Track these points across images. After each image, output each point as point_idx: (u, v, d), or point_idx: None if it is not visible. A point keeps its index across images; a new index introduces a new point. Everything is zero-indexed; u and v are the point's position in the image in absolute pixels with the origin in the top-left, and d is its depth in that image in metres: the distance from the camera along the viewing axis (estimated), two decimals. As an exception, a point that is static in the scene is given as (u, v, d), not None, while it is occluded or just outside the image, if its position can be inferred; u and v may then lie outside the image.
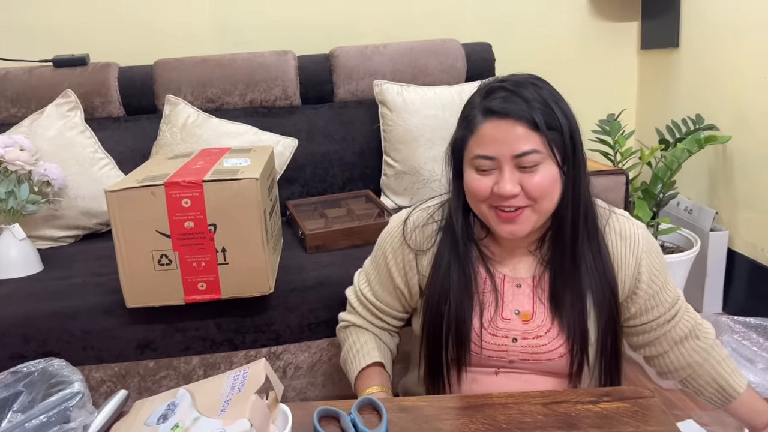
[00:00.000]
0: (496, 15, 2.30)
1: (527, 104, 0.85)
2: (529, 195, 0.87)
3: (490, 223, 0.92)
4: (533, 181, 0.86)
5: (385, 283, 1.07)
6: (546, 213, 0.90)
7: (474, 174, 0.89)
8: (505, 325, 0.96)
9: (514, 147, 0.85)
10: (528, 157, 0.85)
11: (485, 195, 0.88)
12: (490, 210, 0.90)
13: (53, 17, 2.06)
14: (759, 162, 1.82)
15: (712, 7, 1.98)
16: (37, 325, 1.38)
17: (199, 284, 1.32)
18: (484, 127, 0.87)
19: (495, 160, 0.86)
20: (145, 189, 1.25)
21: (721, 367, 1.00)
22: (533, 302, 0.96)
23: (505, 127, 0.85)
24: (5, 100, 1.87)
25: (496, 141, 0.86)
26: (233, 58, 1.98)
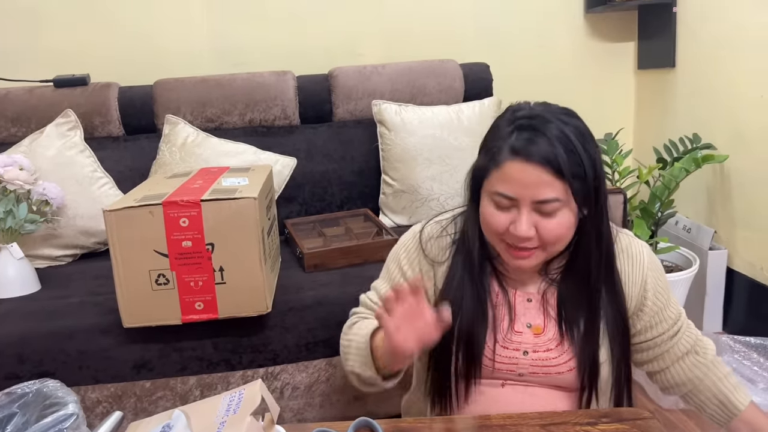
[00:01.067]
0: (494, 35, 2.32)
1: (554, 149, 0.83)
2: (542, 239, 0.87)
3: (499, 252, 0.94)
4: (549, 226, 0.86)
5: None
6: (555, 253, 0.92)
7: (491, 207, 0.89)
8: (517, 338, 0.96)
9: (535, 192, 0.84)
10: (548, 205, 0.85)
11: (500, 231, 0.89)
12: (501, 242, 0.91)
13: (54, 38, 2.08)
14: (756, 181, 1.83)
15: (706, 28, 2.00)
16: (33, 345, 1.37)
17: (196, 304, 1.32)
18: (509, 165, 0.85)
19: (515, 200, 0.86)
20: (143, 208, 1.25)
21: (722, 383, 1.00)
22: (543, 316, 0.97)
23: (529, 170, 0.84)
24: (5, 119, 1.88)
25: (519, 183, 0.85)
26: (233, 78, 1.99)
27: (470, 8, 2.29)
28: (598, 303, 0.95)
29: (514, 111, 0.91)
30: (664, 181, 1.84)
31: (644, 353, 1.03)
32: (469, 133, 1.89)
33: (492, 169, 0.88)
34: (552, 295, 0.98)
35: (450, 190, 1.86)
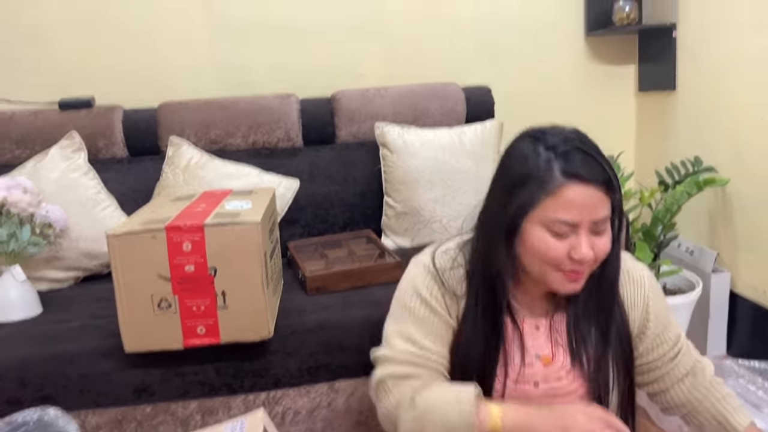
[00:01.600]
0: (496, 57, 2.34)
1: (602, 168, 0.85)
2: (597, 257, 0.88)
3: (549, 284, 0.91)
4: (601, 244, 0.87)
5: (432, 328, 0.97)
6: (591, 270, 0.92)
7: (548, 237, 0.86)
8: (528, 371, 0.96)
9: (594, 213, 0.85)
10: (602, 224, 0.86)
11: (560, 260, 0.87)
12: (556, 271, 0.89)
13: (59, 61, 2.10)
14: (758, 203, 1.83)
15: (706, 51, 2.01)
16: (35, 369, 1.37)
17: (198, 328, 1.32)
18: (568, 190, 0.84)
19: (576, 226, 0.85)
20: (146, 233, 1.26)
21: (720, 404, 1.00)
22: (551, 344, 0.97)
23: (588, 192, 0.84)
24: (10, 141, 1.89)
25: (580, 206, 0.84)
26: (236, 101, 2.01)
27: (472, 31, 2.31)
28: (609, 323, 0.95)
29: (539, 138, 0.89)
30: (666, 204, 1.84)
31: (645, 375, 1.03)
32: (471, 155, 1.90)
33: (543, 198, 0.85)
34: (560, 321, 0.98)
35: (452, 212, 1.87)
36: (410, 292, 0.99)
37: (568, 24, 2.35)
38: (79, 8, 2.08)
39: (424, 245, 1.88)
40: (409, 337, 0.97)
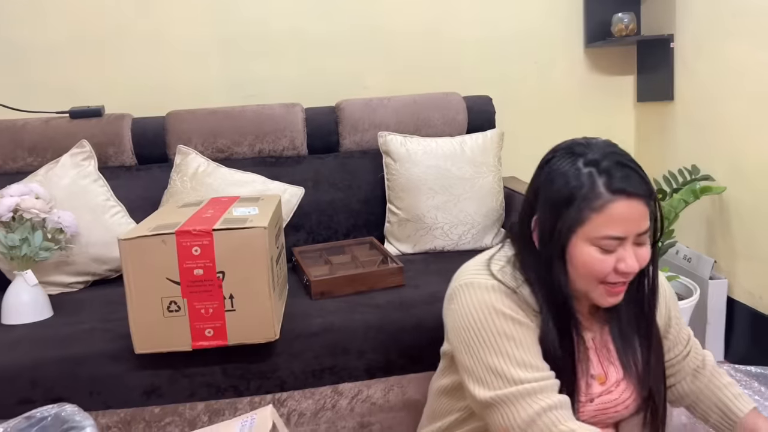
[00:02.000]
0: (497, 68, 2.39)
1: (643, 180, 0.88)
2: (640, 267, 0.90)
3: (593, 297, 0.93)
4: (643, 255, 0.90)
5: (533, 345, 0.94)
6: None
7: (596, 253, 0.88)
8: (586, 390, 0.97)
9: (639, 226, 0.88)
10: (644, 235, 0.89)
11: (607, 273, 0.89)
12: (600, 285, 0.91)
13: (70, 71, 2.15)
14: (754, 211, 1.86)
15: (703, 62, 2.06)
16: (46, 370, 1.40)
17: (206, 330, 1.35)
18: (615, 206, 0.86)
19: (622, 240, 0.88)
20: (156, 237, 1.29)
21: (722, 392, 1.05)
22: (601, 363, 1.00)
23: (634, 206, 0.87)
24: (22, 149, 1.94)
25: (627, 221, 0.86)
26: (243, 110, 2.05)
27: (474, 43, 2.36)
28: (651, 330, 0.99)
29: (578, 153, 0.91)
30: (663, 211, 1.87)
31: None
32: (472, 163, 1.94)
33: (591, 215, 0.87)
34: (605, 337, 1.01)
35: (453, 219, 1.90)
36: (495, 317, 0.94)
37: (568, 35, 2.40)
38: (90, 22, 2.14)
39: (426, 251, 1.93)
40: (522, 362, 0.92)
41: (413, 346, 1.51)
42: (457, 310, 0.97)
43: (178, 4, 2.18)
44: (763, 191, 1.82)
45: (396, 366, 1.52)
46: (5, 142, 1.93)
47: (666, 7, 2.23)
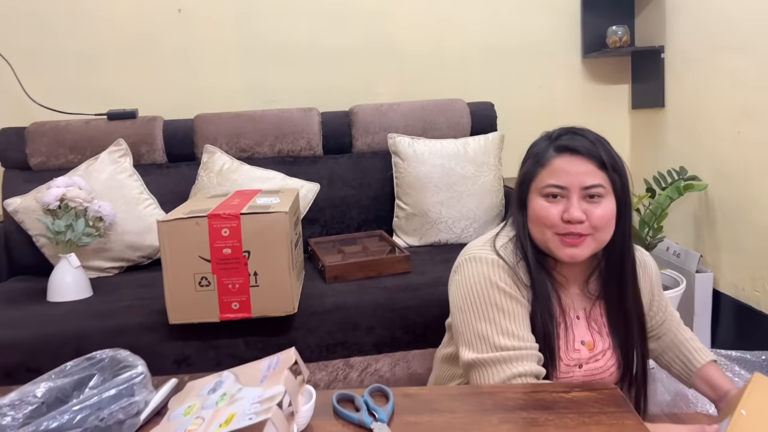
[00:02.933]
0: (500, 78, 2.55)
1: (596, 147, 1.00)
2: (592, 224, 0.99)
3: (551, 249, 1.03)
4: (597, 211, 0.99)
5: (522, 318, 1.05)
6: (603, 243, 1.03)
7: (543, 202, 1.02)
8: (575, 355, 1.10)
9: (583, 180, 0.99)
10: (594, 190, 0.99)
11: (553, 221, 1.00)
12: (554, 236, 1.02)
13: (108, 77, 2.35)
14: (737, 209, 2.00)
15: (690, 72, 2.21)
16: (90, 339, 1.57)
17: (233, 304, 1.52)
18: (557, 161, 1.01)
19: (565, 189, 0.99)
20: (190, 220, 1.46)
21: (684, 345, 1.19)
22: (590, 332, 1.12)
23: (576, 161, 1.00)
24: (65, 147, 2.13)
25: (568, 173, 0.99)
26: (264, 114, 2.23)
27: (478, 53, 2.53)
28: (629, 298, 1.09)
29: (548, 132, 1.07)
30: (652, 208, 2.02)
31: None
32: (475, 162, 2.10)
33: (539, 170, 1.03)
34: (595, 311, 1.12)
35: (457, 213, 2.06)
36: (491, 289, 1.04)
37: (565, 47, 2.57)
38: (127, 32, 2.34)
39: (431, 244, 2.09)
40: (507, 331, 1.03)
41: (418, 324, 1.66)
42: (459, 280, 1.08)
43: (206, 17, 2.37)
44: (745, 191, 1.97)
45: (402, 342, 1.67)
46: (49, 141, 2.13)
47: (657, 20, 2.39)
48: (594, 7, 2.49)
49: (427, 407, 0.98)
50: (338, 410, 0.97)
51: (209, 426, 0.82)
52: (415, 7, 2.47)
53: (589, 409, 0.95)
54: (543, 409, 0.95)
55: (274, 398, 0.83)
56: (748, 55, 1.92)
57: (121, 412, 0.95)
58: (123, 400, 0.96)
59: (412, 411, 0.97)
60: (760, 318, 1.93)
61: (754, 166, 1.92)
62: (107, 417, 0.93)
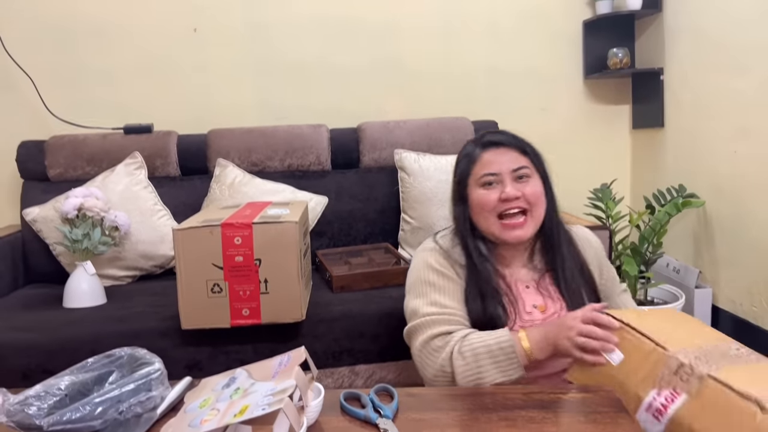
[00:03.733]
0: (503, 96, 2.62)
1: (515, 138, 1.22)
2: (527, 200, 1.17)
3: (495, 233, 1.19)
4: (529, 189, 1.18)
5: (450, 291, 1.20)
6: (539, 220, 1.20)
7: (480, 190, 1.19)
8: (528, 317, 1.21)
9: (511, 164, 1.18)
10: (522, 170, 1.18)
11: (493, 204, 1.17)
12: (497, 220, 1.18)
13: (125, 93, 2.44)
14: (734, 226, 2.05)
15: (688, 92, 2.28)
16: (104, 342, 1.61)
17: (243, 310, 1.57)
18: (486, 154, 1.20)
19: (498, 175, 1.18)
20: (205, 228, 1.53)
21: (619, 297, 1.36)
22: (542, 297, 1.24)
23: (501, 151, 1.20)
24: (82, 159, 2.20)
25: (497, 162, 1.18)
26: (275, 129, 2.30)
27: (482, 74, 2.60)
28: (584, 273, 1.24)
29: (473, 138, 1.28)
30: (651, 224, 2.08)
31: None
32: (479, 179, 2.16)
33: (473, 166, 1.21)
34: (544, 281, 1.25)
35: (461, 228, 2.12)
36: (425, 270, 1.23)
37: (567, 68, 2.64)
38: (145, 50, 2.43)
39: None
40: (434, 302, 1.19)
41: (421, 333, 1.71)
42: (408, 271, 1.29)
43: (220, 36, 2.46)
44: (742, 208, 2.02)
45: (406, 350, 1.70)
46: (68, 153, 2.20)
47: (657, 43, 2.46)
48: (595, 30, 2.57)
49: (431, 405, 1.03)
50: (345, 407, 1.02)
51: (224, 416, 0.87)
52: (422, 29, 2.55)
53: (584, 409, 0.99)
54: (541, 409, 1.00)
55: (286, 391, 0.88)
56: (744, 76, 1.99)
57: (139, 406, 1.00)
58: (141, 394, 1.01)
59: (416, 409, 1.02)
60: (758, 333, 1.97)
61: (751, 183, 1.98)
62: (126, 410, 0.98)
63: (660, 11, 2.41)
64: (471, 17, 2.57)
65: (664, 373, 0.93)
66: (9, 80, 2.37)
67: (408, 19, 2.54)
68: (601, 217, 2.23)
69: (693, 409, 0.87)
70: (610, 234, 1.74)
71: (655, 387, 0.93)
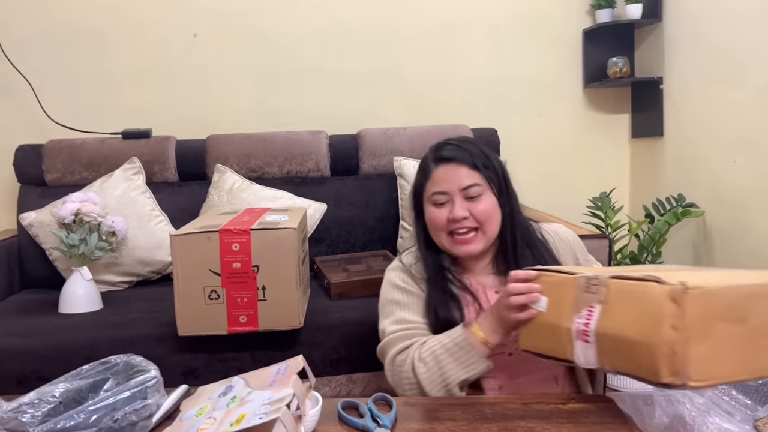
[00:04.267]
0: (503, 105, 2.62)
1: (468, 153, 1.17)
2: (476, 218, 1.15)
3: (447, 248, 1.19)
4: (478, 208, 1.15)
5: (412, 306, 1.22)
6: (492, 234, 1.18)
7: (432, 208, 1.18)
8: None
9: (460, 182, 1.15)
10: (472, 189, 1.15)
11: (443, 223, 1.16)
12: (447, 237, 1.18)
13: (124, 98, 2.43)
14: (733, 235, 2.05)
15: (688, 102, 2.28)
16: (100, 349, 1.60)
17: (240, 317, 1.56)
18: (437, 171, 1.17)
19: (447, 194, 1.15)
20: (202, 234, 1.51)
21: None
22: None
23: (452, 168, 1.16)
24: (80, 164, 2.20)
25: (447, 180, 1.16)
26: (274, 135, 2.30)
27: (482, 81, 2.61)
28: None
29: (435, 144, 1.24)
30: (650, 234, 2.07)
31: None
32: (478, 187, 2.15)
33: (425, 181, 1.20)
34: None
35: (460, 235, 2.11)
36: (390, 289, 1.25)
37: (567, 77, 2.64)
38: (144, 55, 2.43)
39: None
40: (399, 320, 1.20)
41: (420, 341, 1.70)
42: None
43: (220, 42, 2.46)
44: (741, 218, 2.02)
45: (404, 359, 1.71)
46: (65, 158, 2.20)
47: (656, 52, 2.47)
48: (595, 39, 2.57)
49: (429, 415, 1.02)
50: (343, 416, 1.00)
51: (221, 425, 0.86)
52: (422, 36, 2.56)
53: (584, 419, 0.98)
54: (541, 419, 0.99)
55: (283, 400, 0.87)
56: (743, 86, 1.99)
57: (134, 414, 0.99)
58: (136, 402, 1.00)
59: (415, 418, 1.01)
60: (758, 343, 1.96)
61: (750, 193, 1.98)
62: (121, 418, 0.97)
63: (660, 21, 2.41)
64: (471, 25, 2.58)
65: (578, 295, 0.93)
66: (7, 84, 2.37)
67: (408, 26, 2.55)
68: (600, 225, 2.22)
69: (608, 314, 0.88)
70: (610, 243, 1.74)
71: (575, 312, 0.93)
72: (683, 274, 0.84)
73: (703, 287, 0.79)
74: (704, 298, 0.80)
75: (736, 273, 0.93)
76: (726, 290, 0.81)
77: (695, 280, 0.80)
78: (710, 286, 0.80)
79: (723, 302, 0.81)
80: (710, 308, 0.80)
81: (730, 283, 0.83)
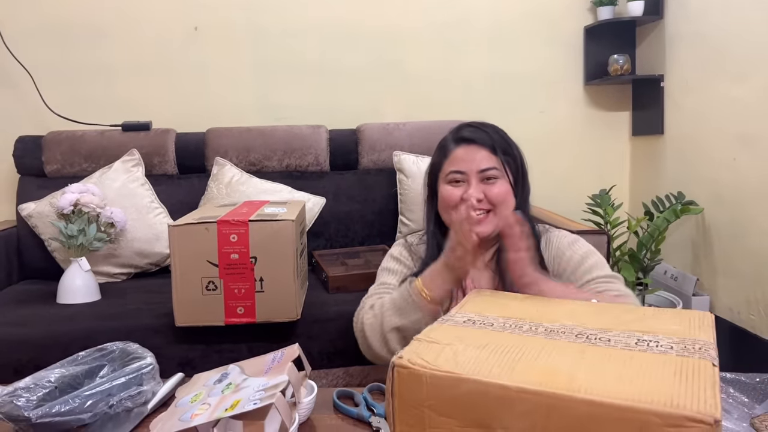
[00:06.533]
0: (504, 103, 2.63)
1: (488, 135, 1.18)
2: (491, 201, 1.16)
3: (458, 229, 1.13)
4: (494, 190, 1.15)
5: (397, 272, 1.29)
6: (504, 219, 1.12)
7: (447, 187, 1.18)
8: None
9: (479, 164, 1.15)
10: (489, 172, 1.15)
11: (456, 201, 1.16)
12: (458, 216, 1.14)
13: (124, 90, 2.43)
14: (732, 233, 2.05)
15: (688, 100, 2.28)
16: (97, 339, 1.58)
17: (238, 308, 1.56)
18: (457, 151, 1.18)
19: (464, 174, 1.16)
20: (200, 225, 1.51)
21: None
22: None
23: (472, 150, 1.16)
24: (80, 156, 2.20)
25: (466, 160, 1.16)
26: (274, 129, 2.30)
27: (483, 78, 2.61)
28: None
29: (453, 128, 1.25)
30: (649, 231, 2.07)
31: None
32: (477, 182, 2.15)
33: (443, 160, 1.20)
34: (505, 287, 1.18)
35: (459, 231, 2.11)
36: (387, 258, 1.32)
37: (568, 74, 2.64)
38: (145, 48, 2.43)
39: (433, 259, 2.13)
40: (382, 283, 1.27)
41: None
42: None
43: (221, 36, 2.46)
44: (740, 216, 2.01)
45: (401, 352, 1.71)
46: (65, 150, 2.20)
47: (657, 50, 2.47)
48: (596, 37, 2.57)
49: (424, 405, 1.01)
50: (338, 405, 1.01)
51: (215, 411, 0.86)
52: (423, 31, 2.56)
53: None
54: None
55: (278, 386, 0.87)
56: (744, 84, 1.99)
57: (130, 401, 0.99)
58: (132, 389, 1.00)
59: (410, 408, 1.00)
60: (755, 341, 1.96)
61: (750, 191, 1.97)
62: (116, 404, 0.97)
63: (661, 18, 2.41)
64: (472, 21, 2.58)
65: None
66: (8, 76, 2.37)
67: (409, 21, 2.55)
68: (600, 222, 2.22)
69: None
70: (608, 240, 1.74)
71: None
72: None
73: None
74: None
75: None
76: None
77: None
78: None
79: None
80: None
81: None
